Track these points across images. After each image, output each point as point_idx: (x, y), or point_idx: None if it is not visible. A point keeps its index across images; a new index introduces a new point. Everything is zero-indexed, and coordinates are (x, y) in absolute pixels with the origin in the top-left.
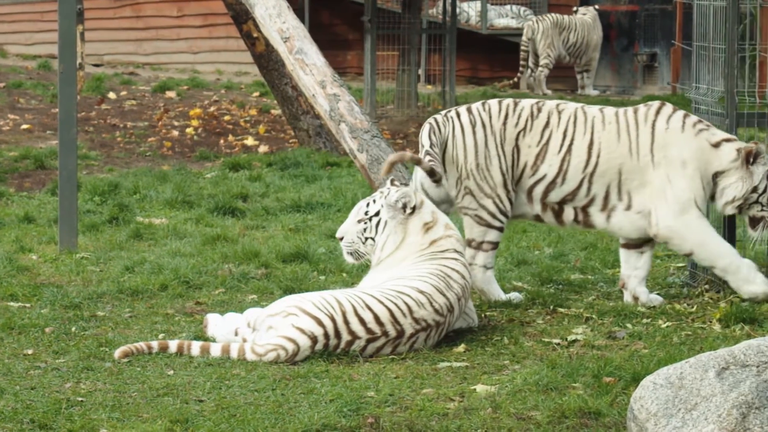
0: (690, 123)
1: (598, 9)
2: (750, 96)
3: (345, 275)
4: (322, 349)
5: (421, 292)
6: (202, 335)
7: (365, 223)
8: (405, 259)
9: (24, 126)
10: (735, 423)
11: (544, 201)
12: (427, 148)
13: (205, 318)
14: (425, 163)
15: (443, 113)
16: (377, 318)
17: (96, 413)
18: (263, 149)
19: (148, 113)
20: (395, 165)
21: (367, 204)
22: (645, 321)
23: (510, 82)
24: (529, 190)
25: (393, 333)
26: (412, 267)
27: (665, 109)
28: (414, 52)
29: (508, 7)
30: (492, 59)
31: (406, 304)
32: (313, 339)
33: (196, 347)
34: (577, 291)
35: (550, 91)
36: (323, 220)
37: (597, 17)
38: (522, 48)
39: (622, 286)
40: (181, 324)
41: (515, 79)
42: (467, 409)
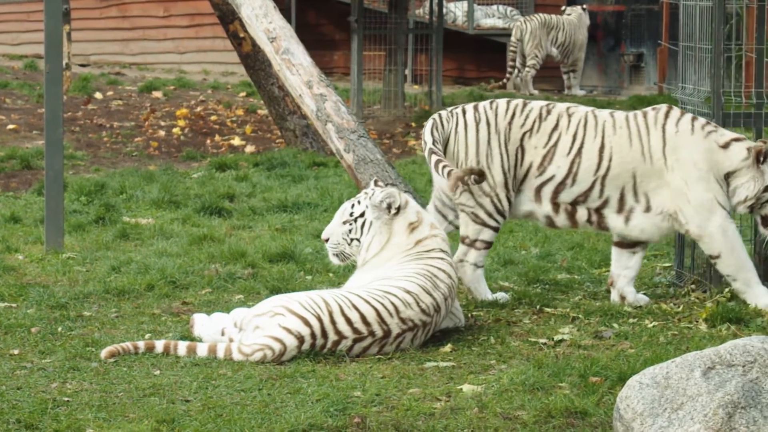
0: (699, 125)
1: (585, 8)
2: (736, 96)
3: (331, 275)
4: (308, 349)
5: (408, 292)
6: (188, 335)
7: (350, 224)
8: (391, 260)
9: (10, 126)
10: (721, 423)
11: (554, 201)
12: (431, 145)
13: (192, 318)
14: (474, 168)
15: (450, 109)
16: (364, 318)
17: (82, 413)
18: (250, 149)
19: (134, 113)
20: (462, 180)
21: (352, 205)
22: (631, 321)
23: (499, 83)
24: (537, 189)
25: (379, 333)
26: (398, 267)
27: (673, 113)
28: (401, 52)
29: (494, 7)
30: (479, 59)
31: (392, 304)
32: (300, 339)
33: (182, 347)
34: (564, 291)
35: (536, 92)
36: (310, 220)
37: (582, 17)
38: (511, 49)
39: (610, 284)
40: (168, 324)
41: (504, 80)
42: (454, 409)
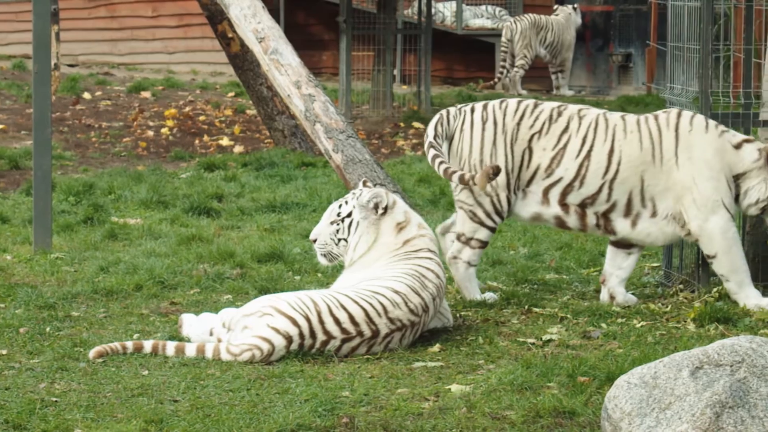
0: (712, 125)
1: (576, 8)
2: (724, 96)
3: (320, 275)
4: (297, 349)
5: (396, 292)
6: (176, 335)
7: (338, 225)
8: (379, 260)
9: None
10: (709, 422)
11: (563, 202)
12: (431, 139)
13: (180, 318)
14: (495, 165)
15: (459, 106)
16: (352, 318)
17: (70, 413)
18: (238, 149)
19: (123, 113)
20: (490, 176)
21: (340, 205)
22: (620, 321)
23: (490, 83)
24: (545, 191)
25: (368, 333)
26: (386, 267)
27: (686, 113)
28: (389, 52)
29: (483, 8)
30: (467, 59)
31: (381, 304)
32: (288, 339)
33: (170, 347)
34: (552, 291)
35: (525, 92)
36: (298, 220)
37: (570, 17)
38: (502, 49)
39: (602, 282)
40: (156, 324)
41: (495, 80)
42: (442, 409)
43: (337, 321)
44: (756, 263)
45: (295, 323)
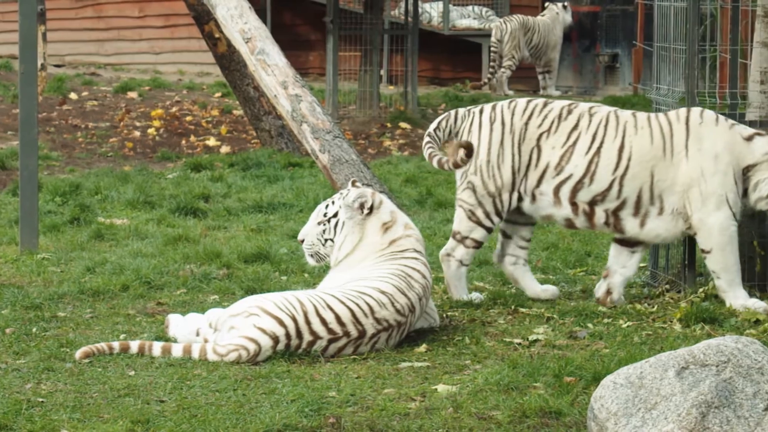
0: (723, 118)
1: (567, 6)
2: (710, 97)
3: (307, 275)
4: (283, 350)
5: (383, 292)
6: (163, 336)
7: (324, 225)
8: (365, 260)
9: None
10: (694, 422)
11: (573, 201)
12: (430, 130)
13: (167, 318)
14: (465, 141)
15: (469, 108)
16: (339, 318)
17: (57, 414)
18: (225, 150)
19: (109, 114)
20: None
21: (326, 206)
22: (606, 321)
23: (480, 83)
24: (555, 190)
25: (354, 333)
26: (373, 267)
27: (696, 108)
28: (376, 52)
29: (470, 8)
30: (454, 60)
31: (367, 304)
32: (275, 339)
33: (157, 348)
34: None
35: (512, 92)
36: (285, 220)
37: (557, 17)
38: (492, 50)
39: (605, 276)
40: (143, 324)
41: (485, 81)
42: (428, 409)
43: (324, 321)
44: (742, 264)
45: (282, 323)
